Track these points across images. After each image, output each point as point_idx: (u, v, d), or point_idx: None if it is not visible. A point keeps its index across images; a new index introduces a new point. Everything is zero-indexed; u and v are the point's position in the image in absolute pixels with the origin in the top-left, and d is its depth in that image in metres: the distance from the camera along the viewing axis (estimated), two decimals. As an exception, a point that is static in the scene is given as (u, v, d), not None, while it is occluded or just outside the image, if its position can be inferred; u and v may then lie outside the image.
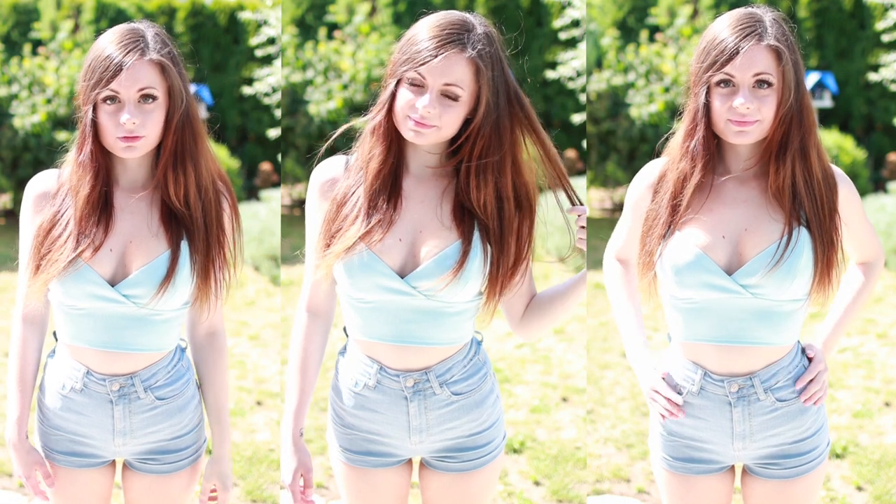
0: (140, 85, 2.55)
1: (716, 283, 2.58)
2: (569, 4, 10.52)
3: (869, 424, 5.49)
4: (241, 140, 11.61)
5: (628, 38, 10.77)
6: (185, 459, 2.78)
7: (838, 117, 11.37)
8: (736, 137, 2.57)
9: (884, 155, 11.26)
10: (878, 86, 11.17)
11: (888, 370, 6.36)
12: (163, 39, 2.62)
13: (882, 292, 8.22)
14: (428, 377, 2.64)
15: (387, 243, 2.57)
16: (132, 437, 2.73)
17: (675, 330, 2.72)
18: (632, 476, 4.94)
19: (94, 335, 2.66)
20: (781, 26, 2.58)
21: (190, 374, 2.79)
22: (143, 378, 2.68)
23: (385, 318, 2.61)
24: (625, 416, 5.63)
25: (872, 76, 10.97)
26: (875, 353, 6.71)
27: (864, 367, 6.40)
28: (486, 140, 2.56)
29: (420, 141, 2.55)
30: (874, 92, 11.33)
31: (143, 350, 2.67)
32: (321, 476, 4.89)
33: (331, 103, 10.45)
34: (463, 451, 2.72)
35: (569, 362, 6.52)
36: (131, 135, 2.55)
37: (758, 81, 2.54)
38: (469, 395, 2.68)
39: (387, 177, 2.60)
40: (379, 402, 2.68)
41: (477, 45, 2.53)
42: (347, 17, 10.81)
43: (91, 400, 2.69)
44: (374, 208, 2.58)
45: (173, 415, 2.73)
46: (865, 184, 10.70)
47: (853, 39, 11.47)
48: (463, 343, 2.67)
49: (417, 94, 2.52)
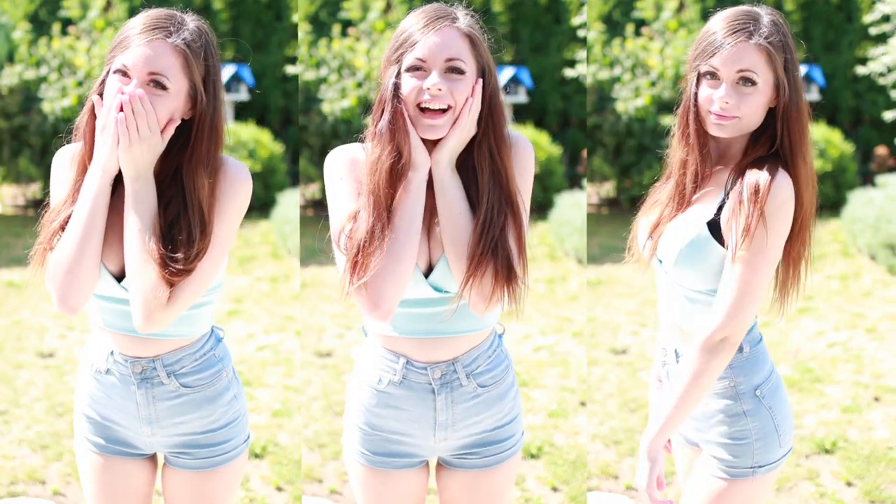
0: (151, 68, 2.46)
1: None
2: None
3: (858, 419, 5.49)
4: (285, 123, 11.30)
5: (614, 32, 10.77)
6: (221, 456, 2.72)
7: (826, 111, 11.40)
8: (714, 129, 2.64)
9: (871, 148, 11.30)
10: (866, 79, 11.20)
11: (877, 365, 6.36)
12: (203, 33, 2.52)
13: (870, 286, 8.24)
14: (455, 368, 2.66)
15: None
16: (159, 427, 2.68)
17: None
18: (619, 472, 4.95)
19: (114, 318, 2.63)
20: (779, 28, 2.61)
21: (224, 365, 2.71)
22: (165, 363, 2.64)
23: (410, 314, 2.63)
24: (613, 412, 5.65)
25: (860, 69, 11.00)
26: (864, 348, 6.71)
27: (854, 362, 6.40)
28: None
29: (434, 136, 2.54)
30: (862, 85, 11.36)
31: (167, 337, 2.63)
32: (334, 482, 4.89)
33: (345, 101, 10.37)
34: (485, 445, 2.73)
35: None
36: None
37: (742, 78, 2.59)
38: (493, 388, 2.70)
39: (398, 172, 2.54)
40: (404, 399, 2.68)
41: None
42: (362, 13, 10.76)
43: (117, 383, 2.67)
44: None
45: (201, 405, 2.68)
46: (853, 177, 10.73)
47: (840, 32, 11.49)
48: (489, 329, 2.68)
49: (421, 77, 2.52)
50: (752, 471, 2.72)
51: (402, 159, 2.49)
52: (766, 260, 2.56)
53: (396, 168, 2.49)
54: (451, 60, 2.50)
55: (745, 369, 2.72)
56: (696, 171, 2.68)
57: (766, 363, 2.76)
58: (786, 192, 2.57)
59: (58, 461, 4.99)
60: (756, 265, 2.56)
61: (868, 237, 8.91)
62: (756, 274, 2.56)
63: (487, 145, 2.55)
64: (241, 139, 10.22)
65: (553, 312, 7.60)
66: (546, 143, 10.70)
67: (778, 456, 2.75)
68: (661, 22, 10.81)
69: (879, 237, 8.69)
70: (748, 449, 2.72)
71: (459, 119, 2.52)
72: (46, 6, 10.84)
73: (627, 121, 10.65)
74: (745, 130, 2.63)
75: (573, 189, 10.45)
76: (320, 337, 6.90)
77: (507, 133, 2.60)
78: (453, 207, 2.53)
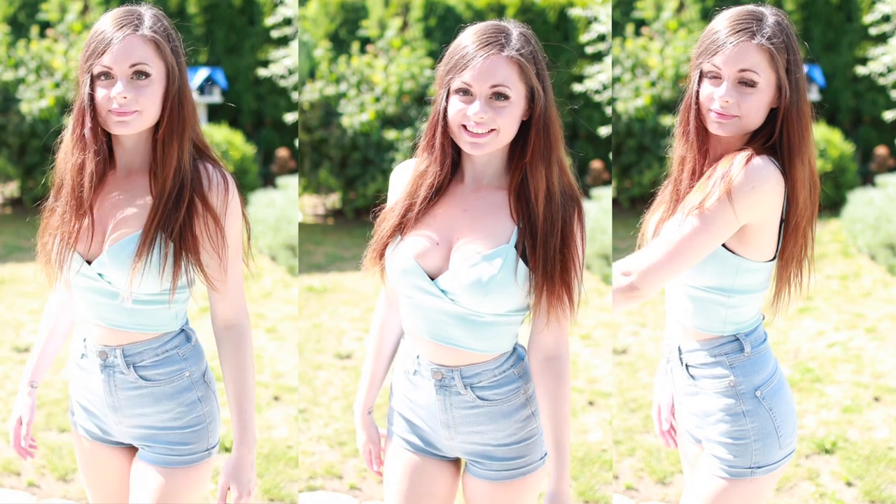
0: (132, 60, 2.58)
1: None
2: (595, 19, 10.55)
3: (858, 419, 5.49)
4: (257, 125, 11.48)
5: (613, 33, 10.77)
6: (178, 456, 2.76)
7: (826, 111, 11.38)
8: (713, 127, 2.65)
9: (872, 148, 11.28)
10: (866, 79, 11.19)
11: (877, 365, 6.36)
12: (160, 19, 2.64)
13: (870, 286, 8.24)
14: (454, 375, 2.68)
15: (424, 245, 2.61)
16: (124, 416, 2.76)
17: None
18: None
19: (85, 308, 2.73)
20: (783, 29, 2.62)
21: (188, 365, 2.76)
22: (126, 353, 2.71)
23: (421, 315, 2.67)
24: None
25: (860, 69, 10.99)
26: (864, 348, 6.71)
27: (853, 362, 6.40)
28: (544, 134, 2.59)
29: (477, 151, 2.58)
30: (862, 85, 11.35)
31: (124, 328, 2.70)
32: (353, 477, 4.93)
33: (363, 115, 10.57)
34: (490, 459, 2.75)
35: (595, 367, 6.52)
36: (122, 109, 2.57)
37: (743, 78, 2.60)
38: (496, 404, 2.70)
39: (432, 185, 2.64)
40: (418, 389, 2.75)
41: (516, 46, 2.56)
42: (380, 31, 11.01)
43: (90, 368, 2.78)
44: (410, 210, 2.64)
45: (160, 400, 2.74)
46: (853, 177, 10.73)
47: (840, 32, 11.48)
48: (499, 353, 2.69)
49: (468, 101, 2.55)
50: (751, 471, 2.73)
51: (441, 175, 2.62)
52: (709, 231, 2.57)
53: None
54: (496, 87, 2.53)
55: (746, 369, 2.73)
56: (694, 168, 2.69)
57: (769, 364, 2.77)
58: (762, 177, 2.56)
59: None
60: (699, 232, 2.57)
61: (868, 237, 8.91)
62: (694, 239, 2.58)
63: (544, 169, 2.59)
64: (214, 140, 10.46)
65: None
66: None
67: (778, 457, 2.75)
68: (661, 22, 10.80)
69: (879, 237, 8.69)
70: (747, 449, 2.72)
71: None
72: (25, 9, 11.05)
73: (627, 121, 10.65)
74: (746, 130, 2.64)
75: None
76: (340, 340, 6.95)
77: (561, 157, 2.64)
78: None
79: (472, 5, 11.31)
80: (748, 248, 2.65)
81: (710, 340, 2.75)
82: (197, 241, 2.63)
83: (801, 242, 2.70)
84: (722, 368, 2.74)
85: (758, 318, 2.79)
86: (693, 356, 2.77)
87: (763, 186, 2.56)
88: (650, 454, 5.09)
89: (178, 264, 2.62)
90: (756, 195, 2.56)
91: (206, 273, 2.67)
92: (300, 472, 4.97)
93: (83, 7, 10.96)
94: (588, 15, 10.67)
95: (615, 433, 5.35)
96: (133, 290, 2.62)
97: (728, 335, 2.74)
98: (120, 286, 2.63)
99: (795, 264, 2.72)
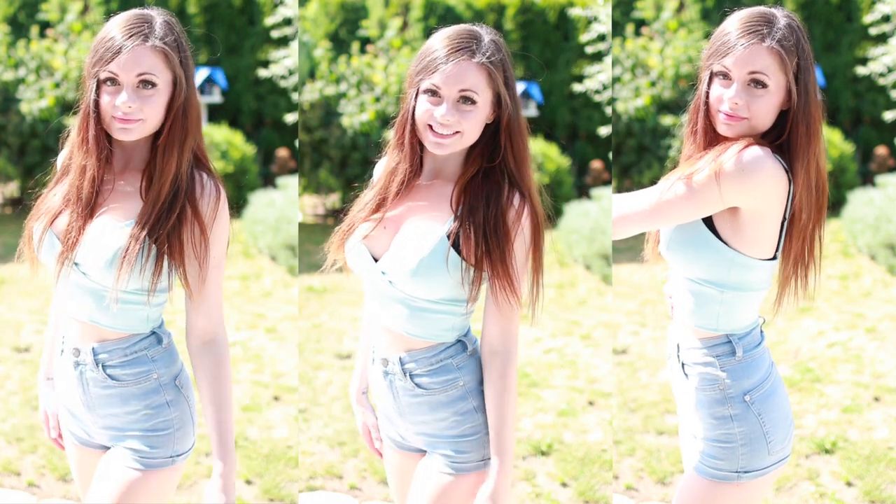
0: (139, 70, 2.59)
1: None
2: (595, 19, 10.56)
3: (858, 419, 5.49)
4: (257, 125, 11.49)
5: (613, 32, 10.76)
6: (143, 459, 2.72)
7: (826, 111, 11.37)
8: (722, 129, 2.64)
9: (872, 148, 11.29)
10: (866, 79, 11.19)
11: (877, 365, 6.35)
12: (171, 27, 2.64)
13: (870, 286, 8.24)
14: (395, 361, 2.72)
15: (373, 229, 2.68)
16: (97, 416, 2.76)
17: None
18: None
19: (65, 300, 2.73)
20: (794, 32, 2.61)
21: (158, 367, 2.73)
22: (96, 352, 2.71)
23: (377, 301, 2.72)
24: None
25: (860, 69, 11.00)
26: (864, 348, 6.70)
27: (853, 362, 6.39)
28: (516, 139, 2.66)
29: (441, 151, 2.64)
30: (862, 85, 11.36)
31: (97, 324, 2.70)
32: (353, 477, 4.93)
33: (363, 115, 10.62)
34: (435, 448, 2.73)
35: (595, 367, 6.53)
36: (126, 117, 2.59)
37: (753, 80, 2.59)
38: (433, 393, 2.70)
39: (403, 181, 2.71)
40: (376, 379, 2.79)
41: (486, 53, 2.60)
42: (380, 31, 11.07)
43: (65, 366, 2.79)
44: (383, 205, 2.70)
45: (128, 401, 2.72)
46: (853, 177, 10.73)
47: (840, 32, 11.49)
48: (436, 342, 2.70)
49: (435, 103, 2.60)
50: (738, 475, 2.71)
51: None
52: (691, 201, 2.59)
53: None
54: (464, 91, 2.58)
55: (736, 373, 2.72)
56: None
57: (761, 369, 2.74)
58: (755, 164, 2.57)
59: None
60: (682, 199, 2.59)
61: (868, 237, 8.91)
62: (675, 204, 2.60)
63: (507, 171, 2.65)
64: (214, 140, 10.45)
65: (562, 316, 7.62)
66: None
67: (767, 463, 2.72)
68: (661, 22, 10.81)
69: (879, 237, 8.69)
70: (734, 453, 2.71)
71: None
72: (25, 9, 11.05)
73: (627, 121, 10.66)
74: (755, 132, 2.63)
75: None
76: (340, 340, 6.96)
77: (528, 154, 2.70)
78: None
79: (472, 5, 11.33)
80: (743, 240, 2.64)
81: (706, 339, 2.74)
82: (182, 246, 2.64)
83: (806, 245, 2.69)
84: (713, 369, 2.73)
85: (754, 322, 2.77)
86: (689, 354, 2.77)
87: (755, 174, 2.56)
88: (650, 454, 5.10)
89: (160, 265, 2.63)
90: (744, 180, 2.56)
91: (187, 278, 2.67)
92: (300, 472, 4.97)
93: (83, 7, 10.96)
94: (588, 15, 10.67)
95: (615, 433, 5.35)
96: (121, 287, 2.63)
97: (721, 335, 2.73)
98: (99, 281, 2.64)
99: (800, 267, 2.71)
